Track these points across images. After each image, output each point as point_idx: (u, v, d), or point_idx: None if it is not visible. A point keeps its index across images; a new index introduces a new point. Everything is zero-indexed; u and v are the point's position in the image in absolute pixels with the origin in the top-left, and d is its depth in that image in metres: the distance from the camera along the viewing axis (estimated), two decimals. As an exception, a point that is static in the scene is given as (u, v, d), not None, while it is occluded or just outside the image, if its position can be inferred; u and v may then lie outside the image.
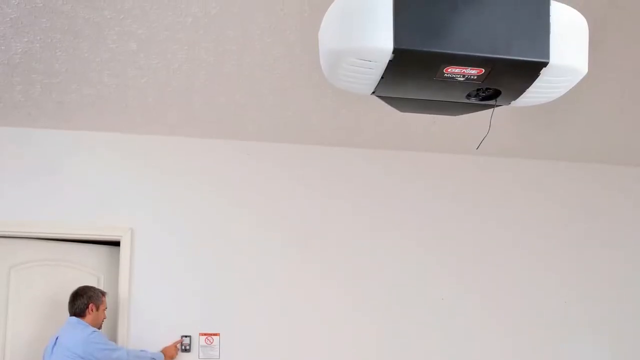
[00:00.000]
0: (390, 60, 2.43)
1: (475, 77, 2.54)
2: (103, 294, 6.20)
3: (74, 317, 6.02)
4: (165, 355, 6.41)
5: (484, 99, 2.72)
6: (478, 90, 2.67)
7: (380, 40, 2.39)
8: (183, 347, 6.59)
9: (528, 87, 2.62)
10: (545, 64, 2.48)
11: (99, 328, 6.07)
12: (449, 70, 2.50)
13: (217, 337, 6.69)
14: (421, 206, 7.26)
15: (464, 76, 2.53)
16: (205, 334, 6.68)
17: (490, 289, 7.24)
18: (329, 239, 7.02)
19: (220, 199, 6.88)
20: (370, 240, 7.09)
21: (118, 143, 6.73)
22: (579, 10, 2.57)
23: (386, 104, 2.96)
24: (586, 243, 7.52)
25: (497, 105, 2.76)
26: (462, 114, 3.04)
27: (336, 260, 6.99)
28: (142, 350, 6.31)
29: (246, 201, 6.92)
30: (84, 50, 5.12)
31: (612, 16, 4.76)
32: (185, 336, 6.62)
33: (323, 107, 6.17)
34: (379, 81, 2.58)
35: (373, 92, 2.71)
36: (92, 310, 6.03)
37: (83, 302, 6.03)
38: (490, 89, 2.65)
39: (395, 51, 2.39)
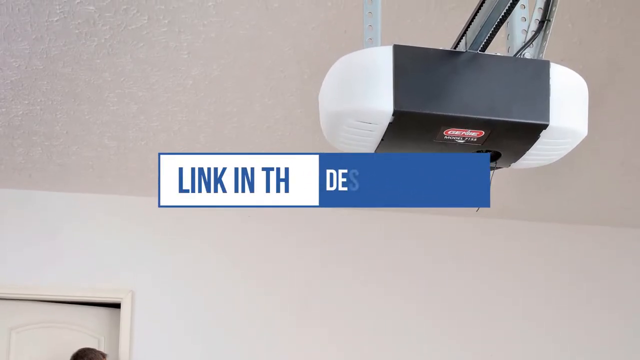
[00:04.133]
0: (390, 123, 2.43)
1: (475, 140, 2.54)
2: (104, 356, 6.17)
3: (74, 380, 6.01)
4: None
5: (483, 161, 2.72)
6: (478, 152, 2.66)
7: (380, 102, 2.38)
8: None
9: (528, 149, 2.61)
10: (545, 126, 2.48)
11: (99, 391, 6.04)
12: (449, 132, 2.49)
13: (218, 401, 6.65)
14: (420, 268, 7.22)
15: (463, 138, 2.52)
16: (205, 398, 6.64)
17: (491, 351, 7.18)
18: (329, 301, 6.98)
19: (220, 261, 6.85)
20: (369, 302, 7.04)
21: (118, 205, 6.73)
22: (578, 73, 2.58)
23: (386, 166, 2.96)
24: (587, 305, 7.47)
25: (497, 167, 2.75)
26: (462, 175, 3.03)
27: (337, 324, 6.95)
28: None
29: (246, 264, 6.90)
30: (85, 112, 5.15)
31: (612, 78, 4.77)
32: (185, 400, 6.58)
33: (323, 169, 6.17)
34: (380, 143, 2.57)
35: (373, 154, 2.71)
36: (92, 372, 6.01)
37: (83, 364, 6.02)
38: (490, 151, 2.65)
39: (395, 113, 2.39)
